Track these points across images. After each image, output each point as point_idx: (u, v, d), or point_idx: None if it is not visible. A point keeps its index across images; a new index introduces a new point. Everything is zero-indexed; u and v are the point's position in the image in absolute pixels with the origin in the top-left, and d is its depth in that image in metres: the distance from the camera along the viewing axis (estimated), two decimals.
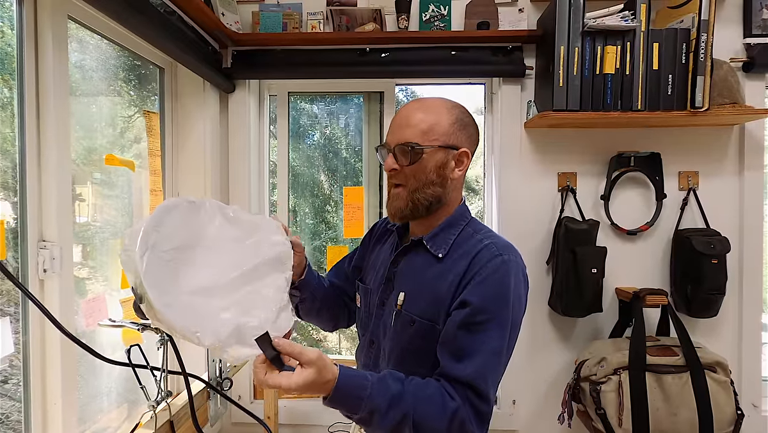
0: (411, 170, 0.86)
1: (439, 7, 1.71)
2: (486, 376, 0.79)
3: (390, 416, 0.73)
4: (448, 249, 0.88)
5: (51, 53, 1.01)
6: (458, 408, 0.76)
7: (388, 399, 0.74)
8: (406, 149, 0.84)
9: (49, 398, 1.03)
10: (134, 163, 1.33)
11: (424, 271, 0.88)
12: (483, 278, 0.81)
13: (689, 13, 1.51)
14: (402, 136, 0.86)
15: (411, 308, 0.87)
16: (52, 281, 1.02)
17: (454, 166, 0.88)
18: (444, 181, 0.87)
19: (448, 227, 0.90)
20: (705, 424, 1.38)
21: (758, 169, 1.68)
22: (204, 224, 0.82)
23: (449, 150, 0.86)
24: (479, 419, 0.78)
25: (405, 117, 0.87)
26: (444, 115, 0.86)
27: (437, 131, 0.85)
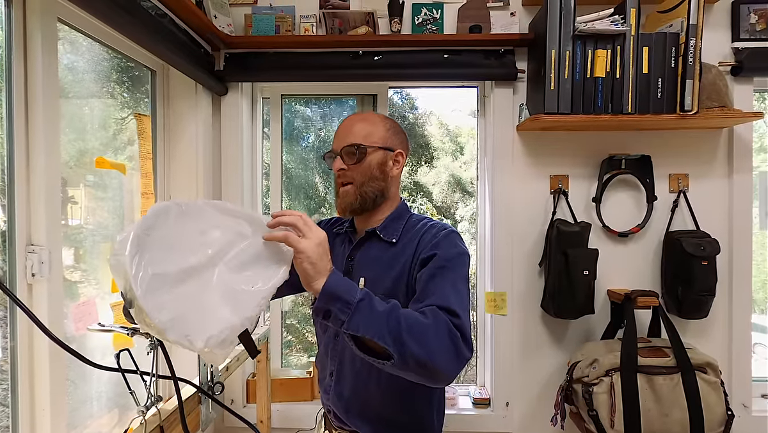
0: (357, 168, 0.99)
1: (432, 11, 1.72)
2: (450, 300, 0.83)
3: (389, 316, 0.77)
4: (399, 235, 1.01)
5: (40, 55, 1.01)
6: (438, 315, 0.80)
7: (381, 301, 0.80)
8: (353, 150, 0.98)
9: (37, 403, 1.02)
10: (125, 166, 1.33)
11: (380, 256, 1.00)
12: (436, 242, 0.94)
13: (678, 17, 1.53)
14: (347, 140, 0.99)
15: (373, 288, 0.92)
16: (41, 285, 1.01)
17: (392, 165, 1.03)
18: (385, 177, 1.02)
19: (396, 219, 1.03)
20: (696, 425, 1.39)
21: (747, 172, 1.70)
22: (195, 227, 0.82)
23: (387, 151, 1.01)
24: (463, 336, 0.80)
25: (348, 126, 1.01)
26: (379, 124, 1.02)
27: (376, 135, 1.01)
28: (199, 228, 0.81)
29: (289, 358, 2.11)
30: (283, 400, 1.81)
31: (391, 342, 0.75)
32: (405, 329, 0.76)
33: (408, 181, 4.35)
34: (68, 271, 1.26)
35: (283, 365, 1.99)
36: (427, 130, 4.48)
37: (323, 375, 1.06)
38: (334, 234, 1.13)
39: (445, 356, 0.77)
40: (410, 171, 4.51)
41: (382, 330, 0.76)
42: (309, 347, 2.36)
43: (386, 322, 0.77)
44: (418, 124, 4.29)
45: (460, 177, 4.50)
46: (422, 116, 4.36)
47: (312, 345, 2.74)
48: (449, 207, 4.49)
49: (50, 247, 1.02)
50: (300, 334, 2.84)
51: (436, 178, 4.56)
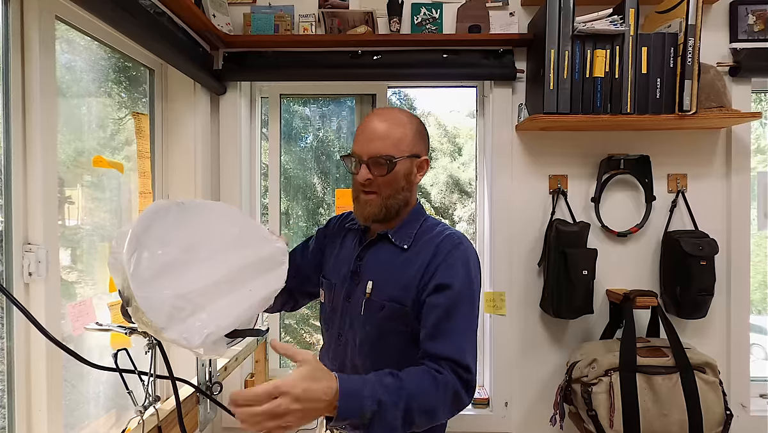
0: (385, 180, 0.93)
1: (431, 11, 1.72)
2: (465, 350, 0.86)
3: (397, 405, 0.77)
4: (411, 241, 0.97)
5: (38, 54, 1.00)
6: (449, 380, 0.83)
7: (390, 390, 0.78)
8: (382, 161, 0.92)
9: (34, 403, 1.01)
10: (122, 165, 1.32)
11: (391, 261, 0.97)
12: (450, 265, 0.91)
13: (677, 18, 1.53)
14: (375, 149, 0.92)
15: (379, 294, 0.95)
16: (38, 284, 1.00)
17: (416, 172, 0.99)
18: (411, 187, 0.99)
19: (410, 222, 1.00)
20: (695, 424, 1.39)
21: (745, 172, 1.71)
22: (194, 226, 0.81)
23: (414, 159, 0.97)
24: (466, 388, 0.85)
25: (376, 131, 0.93)
26: (408, 127, 0.95)
27: (405, 142, 0.94)
28: (198, 229, 0.81)
29: (286, 358, 2.10)
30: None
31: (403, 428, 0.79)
32: (416, 413, 0.79)
33: None
34: (66, 271, 1.25)
35: (282, 366, 1.98)
36: None
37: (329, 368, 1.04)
38: (346, 229, 1.11)
39: (447, 416, 0.86)
40: None
41: (396, 425, 0.78)
42: (307, 347, 2.36)
43: (399, 417, 0.78)
44: None
45: (458, 178, 4.50)
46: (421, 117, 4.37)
47: (310, 346, 2.73)
48: (447, 208, 4.50)
49: (47, 246, 1.01)
50: (298, 334, 2.83)
51: (434, 178, 4.56)
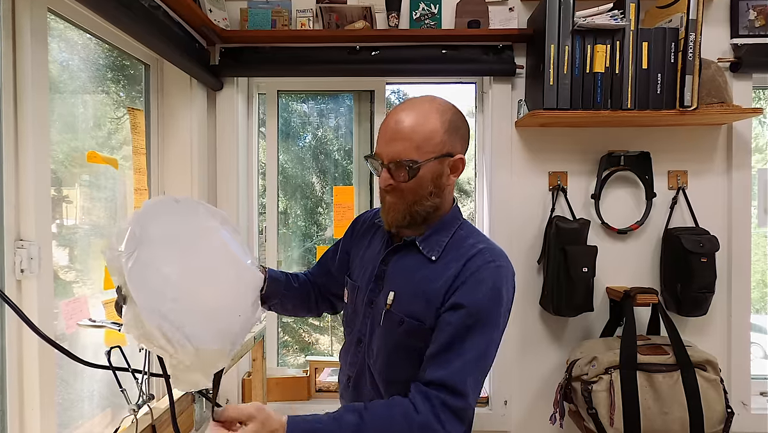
0: (408, 186, 0.83)
1: (430, 6, 1.70)
2: (465, 376, 0.78)
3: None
4: (441, 251, 0.86)
5: (29, 47, 0.98)
6: (424, 422, 0.74)
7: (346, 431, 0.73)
8: (403, 167, 0.81)
9: (26, 402, 1.00)
10: (117, 161, 1.30)
11: (416, 272, 0.87)
12: (476, 283, 0.80)
13: (677, 12, 1.52)
14: (396, 151, 0.82)
15: (400, 308, 0.86)
16: (30, 281, 0.98)
17: (449, 173, 0.86)
18: (441, 191, 0.86)
19: (441, 228, 0.89)
20: (695, 422, 1.38)
21: (746, 169, 1.70)
22: (191, 228, 0.80)
23: (446, 158, 0.84)
24: (455, 416, 0.76)
25: (396, 128, 0.82)
26: (437, 122, 0.82)
27: (432, 142, 0.81)
28: (195, 230, 0.79)
29: (285, 358, 2.09)
30: (279, 399, 1.79)
31: None
32: None
33: None
34: (64, 270, 1.24)
35: (279, 364, 1.97)
36: None
37: (342, 376, 1.01)
38: (377, 226, 1.01)
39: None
40: None
41: None
42: (306, 346, 2.35)
43: None
44: None
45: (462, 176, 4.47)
46: None
47: (309, 345, 2.72)
48: None
49: (40, 242, 1.00)
50: (297, 334, 2.82)
51: None
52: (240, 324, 0.75)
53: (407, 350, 0.85)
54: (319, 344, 2.34)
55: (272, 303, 1.01)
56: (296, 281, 1.06)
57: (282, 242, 2.00)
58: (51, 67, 1.17)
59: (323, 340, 2.35)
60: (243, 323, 0.76)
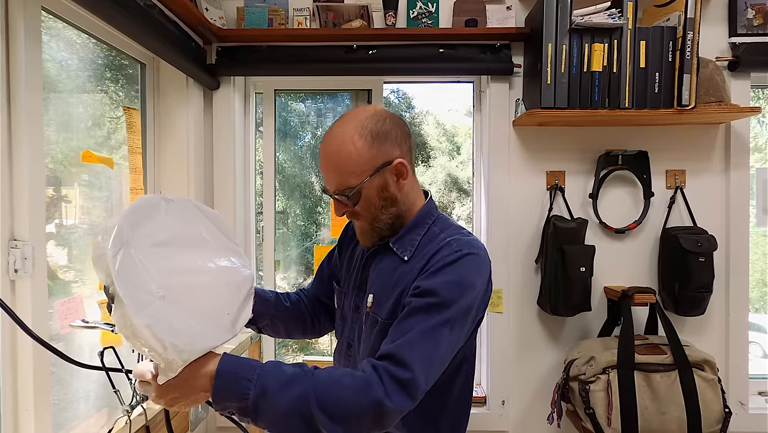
0: (359, 208, 0.84)
1: (427, 4, 1.69)
2: (413, 347, 0.73)
3: (286, 394, 0.67)
4: (414, 250, 0.86)
5: (23, 46, 0.97)
6: (367, 376, 0.71)
7: (283, 379, 0.69)
8: (345, 195, 0.83)
9: (20, 403, 0.99)
10: (112, 161, 1.30)
11: (391, 273, 0.87)
12: (438, 269, 0.79)
13: (675, 11, 1.51)
14: (333, 183, 0.84)
15: (378, 309, 0.86)
16: (24, 281, 0.98)
17: (396, 179, 0.85)
18: (394, 200, 0.85)
19: (414, 227, 0.88)
20: (693, 422, 1.38)
21: (744, 168, 1.69)
22: (182, 223, 0.79)
23: (383, 170, 0.83)
24: (399, 386, 0.71)
25: (325, 161, 0.84)
26: (359, 142, 0.81)
27: (361, 162, 0.81)
28: (185, 229, 0.79)
29: (285, 357, 2.08)
30: None
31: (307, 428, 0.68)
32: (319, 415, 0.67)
33: None
34: (63, 270, 1.23)
35: None
36: (424, 130, 4.47)
37: None
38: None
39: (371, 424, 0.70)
40: None
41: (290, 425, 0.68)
42: (305, 346, 2.34)
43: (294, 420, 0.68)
44: (414, 124, 4.28)
45: (456, 177, 4.48)
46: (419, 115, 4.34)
47: (308, 344, 2.71)
48: (446, 207, 4.48)
49: (34, 242, 0.99)
50: None
51: (432, 177, 4.54)
52: (229, 322, 0.75)
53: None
54: (319, 343, 2.34)
55: (262, 324, 0.99)
56: (287, 300, 1.04)
57: (281, 242, 1.99)
58: (49, 66, 1.16)
59: (323, 339, 2.35)
60: (232, 321, 0.76)
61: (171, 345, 0.64)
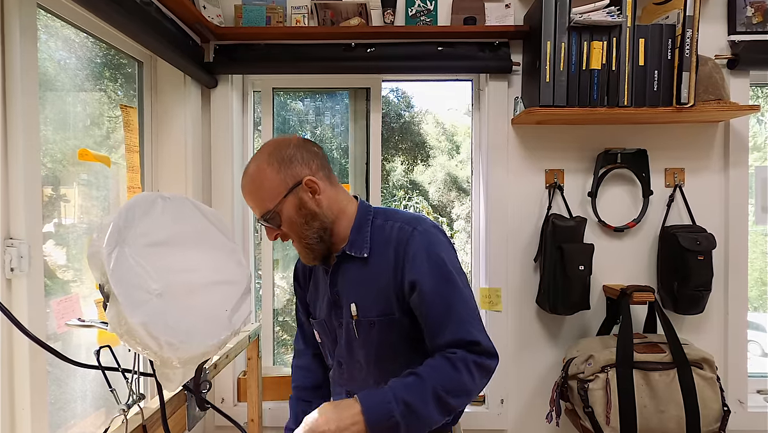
0: (285, 228, 0.92)
1: (426, 2, 1.69)
2: (466, 326, 0.86)
3: (425, 399, 0.80)
4: (370, 246, 0.93)
5: (18, 43, 0.97)
6: (463, 356, 0.84)
7: (412, 388, 0.81)
8: (267, 219, 0.91)
9: (17, 402, 0.99)
10: (109, 159, 1.29)
11: (360, 276, 0.94)
12: (413, 257, 0.89)
13: (674, 9, 1.51)
14: (257, 210, 0.92)
15: (365, 312, 0.93)
16: (20, 280, 0.97)
17: (311, 196, 0.92)
18: (314, 215, 0.92)
19: (359, 228, 0.95)
20: (692, 420, 1.38)
21: (743, 166, 1.69)
22: (179, 221, 0.79)
23: (294, 190, 0.90)
24: (486, 355, 0.85)
25: (246, 194, 0.94)
26: (267, 169, 0.90)
27: (273, 186, 0.90)
28: (182, 227, 0.78)
29: (284, 357, 2.08)
30: (275, 398, 1.78)
31: (444, 416, 0.83)
32: (448, 397, 0.82)
33: (404, 180, 4.34)
34: (62, 270, 1.23)
35: (277, 363, 1.96)
36: (423, 129, 4.46)
37: (339, 391, 1.08)
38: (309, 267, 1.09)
39: (482, 384, 0.87)
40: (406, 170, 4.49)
41: (434, 417, 0.82)
42: None
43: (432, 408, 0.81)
44: (414, 123, 4.27)
45: (456, 176, 4.49)
46: (418, 114, 4.34)
47: None
48: (445, 206, 4.48)
49: (30, 241, 0.99)
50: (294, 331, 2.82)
51: (432, 176, 4.54)
52: (227, 318, 0.75)
53: (390, 345, 0.94)
54: None
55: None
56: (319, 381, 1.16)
57: (280, 241, 1.99)
58: (48, 65, 1.16)
59: None
60: (230, 317, 0.75)
61: (167, 343, 0.63)
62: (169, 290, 0.68)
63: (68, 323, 0.86)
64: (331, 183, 0.96)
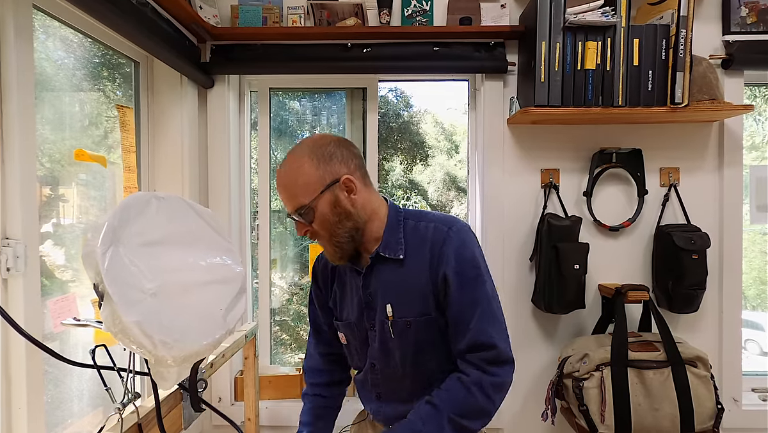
0: (316, 225, 0.92)
1: (421, 2, 1.69)
2: (486, 328, 0.89)
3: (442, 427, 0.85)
4: (404, 248, 0.95)
5: (13, 43, 0.97)
6: (477, 379, 0.87)
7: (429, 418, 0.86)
8: (300, 214, 0.91)
9: (13, 402, 0.99)
10: (105, 159, 1.30)
11: (396, 277, 0.95)
12: (447, 255, 0.91)
13: (669, 9, 1.51)
14: (289, 205, 0.93)
15: (401, 313, 0.95)
16: (16, 280, 0.98)
17: (347, 196, 0.92)
18: (348, 214, 0.92)
19: (393, 229, 0.96)
20: (686, 419, 1.38)
21: (737, 166, 1.70)
22: (173, 221, 0.79)
23: (332, 187, 0.90)
24: (497, 364, 0.88)
25: (281, 186, 0.93)
26: (307, 164, 0.90)
27: (312, 181, 0.90)
28: (176, 227, 0.79)
29: (283, 356, 2.08)
30: (272, 397, 1.79)
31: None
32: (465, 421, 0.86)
33: (403, 180, 4.34)
34: (60, 270, 1.23)
35: (275, 363, 1.96)
36: (422, 129, 4.46)
37: (368, 395, 1.09)
38: (332, 267, 1.08)
39: (500, 401, 0.89)
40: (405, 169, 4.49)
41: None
42: (303, 344, 2.34)
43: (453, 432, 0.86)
44: (413, 123, 4.28)
45: (455, 175, 4.49)
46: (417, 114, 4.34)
47: (305, 343, 2.71)
48: (444, 205, 4.49)
49: (26, 241, 0.99)
50: (294, 332, 2.82)
51: (431, 176, 4.55)
52: (222, 317, 0.75)
53: (426, 343, 0.96)
54: None
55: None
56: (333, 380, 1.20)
57: (279, 241, 1.99)
58: (46, 65, 1.16)
59: None
60: (224, 316, 0.76)
61: (161, 342, 0.64)
62: (163, 289, 0.69)
63: (63, 322, 0.86)
64: (365, 184, 0.96)
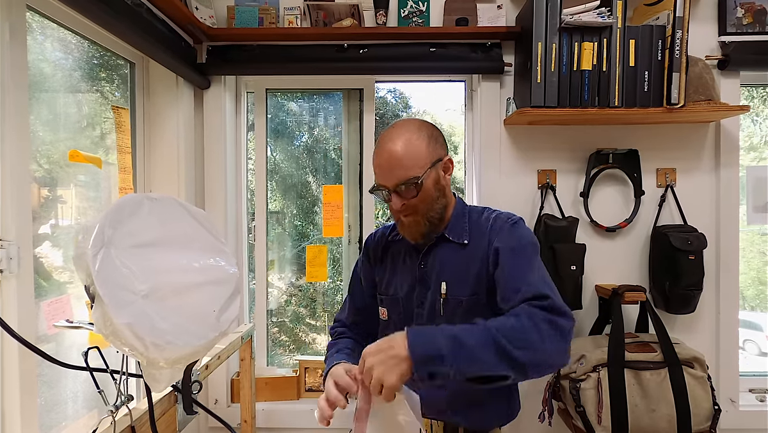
0: (418, 199, 0.97)
1: (418, 3, 1.69)
2: (535, 284, 0.88)
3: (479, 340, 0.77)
4: (468, 235, 1.02)
5: (8, 44, 0.97)
6: (528, 310, 0.82)
7: (465, 328, 0.80)
8: (410, 185, 0.94)
9: (6, 405, 0.99)
10: (100, 160, 1.29)
11: (456, 258, 1.01)
12: (503, 231, 0.98)
13: (665, 10, 1.51)
14: (398, 176, 0.95)
15: (455, 292, 1.00)
16: (9, 281, 0.97)
17: (444, 175, 1.01)
18: (443, 192, 1.01)
19: (459, 217, 1.05)
20: (683, 419, 1.38)
21: (734, 166, 1.70)
22: (166, 222, 0.79)
23: (437, 165, 0.99)
24: (553, 311, 0.82)
25: (391, 157, 0.95)
26: (419, 140, 0.96)
27: (423, 156, 0.96)
28: (169, 229, 0.78)
29: (281, 358, 2.08)
30: (269, 399, 1.78)
31: (504, 366, 0.76)
32: (508, 345, 0.77)
33: None
34: (57, 271, 1.23)
35: (269, 364, 1.96)
36: None
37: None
38: (390, 242, 1.13)
39: (555, 346, 0.80)
40: None
41: (489, 360, 0.76)
42: (302, 345, 2.34)
43: (487, 350, 0.77)
44: None
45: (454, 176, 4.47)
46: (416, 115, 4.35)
47: (305, 344, 2.70)
48: None
49: (19, 242, 0.99)
50: (293, 333, 2.81)
51: None
52: (215, 318, 0.75)
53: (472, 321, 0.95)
54: (316, 343, 2.33)
55: None
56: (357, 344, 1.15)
57: (277, 242, 1.99)
58: (43, 66, 1.16)
59: (320, 339, 2.34)
60: (218, 318, 0.75)
61: (152, 344, 0.64)
62: (155, 290, 0.68)
63: (56, 324, 0.86)
64: None
